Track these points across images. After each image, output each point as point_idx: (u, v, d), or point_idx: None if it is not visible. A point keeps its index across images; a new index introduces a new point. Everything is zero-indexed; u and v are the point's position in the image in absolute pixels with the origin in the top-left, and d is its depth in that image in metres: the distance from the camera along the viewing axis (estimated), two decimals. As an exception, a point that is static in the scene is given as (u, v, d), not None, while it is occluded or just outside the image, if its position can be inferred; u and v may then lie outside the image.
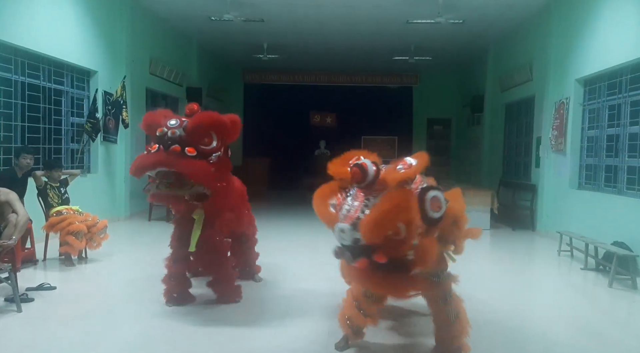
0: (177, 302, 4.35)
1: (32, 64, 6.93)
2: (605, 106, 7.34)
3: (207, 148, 3.92)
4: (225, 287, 4.42)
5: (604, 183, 7.27)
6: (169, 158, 3.76)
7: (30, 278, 5.14)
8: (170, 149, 3.77)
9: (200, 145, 3.87)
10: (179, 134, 3.80)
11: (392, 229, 2.66)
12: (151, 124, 3.98)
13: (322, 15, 10.21)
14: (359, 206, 2.75)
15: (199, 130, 3.86)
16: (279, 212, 11.29)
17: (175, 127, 3.83)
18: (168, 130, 3.81)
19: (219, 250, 4.38)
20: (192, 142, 3.83)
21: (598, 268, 6.16)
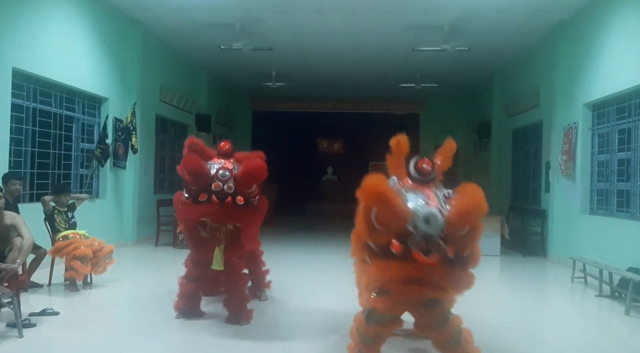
0: (186, 315, 4.48)
1: (44, 90, 7.06)
2: (614, 130, 7.29)
3: (251, 193, 4.14)
4: (239, 307, 4.46)
5: (616, 207, 7.15)
6: (225, 211, 4.02)
7: (35, 303, 5.08)
8: (225, 203, 3.99)
9: (245, 192, 4.09)
10: (233, 186, 4.01)
11: (472, 222, 2.72)
12: (197, 172, 4.05)
13: (329, 44, 10.39)
14: (433, 197, 2.80)
15: (249, 182, 4.07)
16: (286, 238, 11.21)
17: (229, 180, 4.02)
18: (224, 184, 4.00)
19: (237, 270, 4.48)
20: (240, 191, 4.05)
21: (613, 295, 5.98)
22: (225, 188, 3.99)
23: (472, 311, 4.53)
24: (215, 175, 4.05)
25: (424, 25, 9.06)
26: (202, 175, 4.05)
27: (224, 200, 4.00)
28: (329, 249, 9.58)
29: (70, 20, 7.43)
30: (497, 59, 11.31)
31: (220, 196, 4.01)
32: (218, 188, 3.99)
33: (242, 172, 4.06)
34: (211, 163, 4.22)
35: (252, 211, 4.19)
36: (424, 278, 2.75)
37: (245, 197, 4.08)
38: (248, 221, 4.21)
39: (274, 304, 5.24)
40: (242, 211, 4.08)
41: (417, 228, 2.69)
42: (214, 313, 4.69)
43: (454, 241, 2.73)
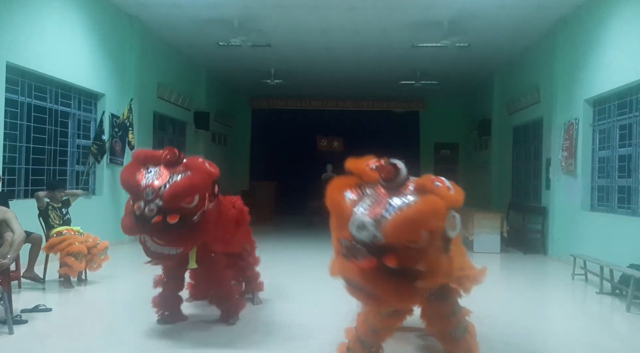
0: (169, 321, 4.27)
1: (39, 86, 7.00)
2: (615, 125, 7.21)
3: (189, 207, 3.67)
4: (227, 302, 4.32)
5: (617, 204, 7.07)
6: (153, 232, 3.63)
7: (27, 299, 5.02)
8: (152, 223, 3.54)
9: (182, 207, 3.63)
10: (157, 207, 3.54)
11: (418, 234, 2.54)
12: (129, 187, 3.73)
13: (328, 41, 10.32)
14: (384, 204, 2.64)
15: (177, 199, 3.60)
16: (285, 236, 11.15)
17: (152, 200, 3.56)
18: (145, 206, 3.55)
19: (216, 266, 4.26)
20: (172, 208, 3.57)
21: (614, 292, 5.91)
22: (146, 211, 3.53)
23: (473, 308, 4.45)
24: (141, 193, 3.62)
25: (423, 21, 8.98)
26: (132, 190, 3.70)
27: (149, 220, 3.54)
28: (328, 248, 9.50)
29: (67, 15, 7.37)
30: (498, 56, 11.23)
31: (145, 217, 3.56)
32: (138, 209, 3.56)
33: (169, 191, 3.58)
34: (149, 173, 3.75)
35: (187, 231, 3.66)
36: (359, 282, 2.65)
37: (181, 213, 3.60)
38: (182, 242, 3.73)
39: (267, 308, 5.01)
40: (173, 234, 3.61)
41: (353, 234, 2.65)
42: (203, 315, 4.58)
43: (401, 252, 2.56)
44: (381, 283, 2.60)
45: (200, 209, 3.74)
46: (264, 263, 5.44)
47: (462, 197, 2.76)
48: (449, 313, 3.09)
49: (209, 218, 3.85)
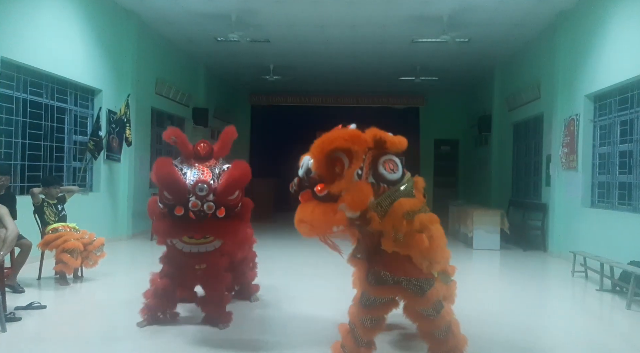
0: (155, 321, 4.11)
1: (35, 81, 6.94)
2: (616, 121, 7.14)
3: (233, 200, 3.80)
4: (216, 309, 4.12)
5: (617, 200, 7.01)
6: (204, 228, 3.72)
7: (22, 296, 4.97)
8: (204, 220, 3.67)
9: (227, 201, 3.76)
10: (213, 204, 3.66)
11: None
12: (171, 185, 3.64)
13: (327, 36, 10.24)
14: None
15: (230, 193, 3.73)
16: (284, 233, 11.09)
17: (208, 196, 3.64)
18: (202, 203, 3.61)
19: (218, 266, 4.13)
20: (221, 203, 3.70)
21: (614, 289, 5.85)
22: (205, 208, 3.62)
23: (472, 305, 4.42)
24: (192, 190, 3.64)
25: (423, 15, 8.90)
26: (177, 189, 3.63)
27: (202, 218, 3.65)
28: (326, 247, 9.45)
29: (63, 10, 7.30)
30: (498, 51, 11.15)
31: (198, 215, 3.64)
32: (196, 207, 3.61)
33: (224, 185, 3.70)
34: (187, 169, 3.85)
35: (235, 223, 3.82)
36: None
37: (227, 207, 3.74)
38: (231, 235, 3.86)
39: (263, 307, 4.91)
40: (225, 225, 3.74)
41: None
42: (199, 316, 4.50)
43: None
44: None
45: (240, 201, 3.87)
46: (263, 258, 5.40)
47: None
48: (430, 312, 3.04)
49: (244, 212, 4.00)
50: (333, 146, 2.80)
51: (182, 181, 3.69)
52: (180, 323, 4.22)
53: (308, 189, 2.89)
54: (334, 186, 2.79)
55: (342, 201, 2.80)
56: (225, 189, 3.69)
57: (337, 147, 2.81)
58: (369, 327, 3.16)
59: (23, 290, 5.20)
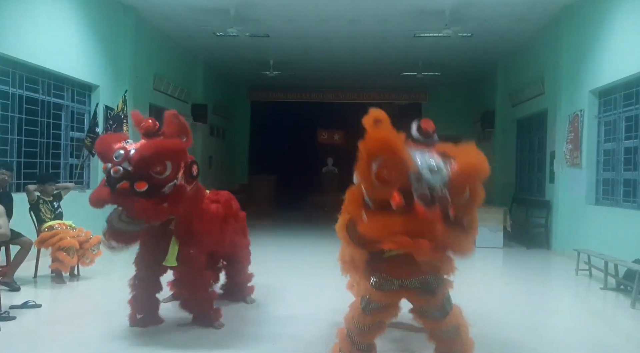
0: (142, 324, 3.97)
1: (31, 77, 6.85)
2: (621, 117, 7.02)
3: (160, 178, 3.43)
4: (201, 309, 3.96)
5: (622, 197, 6.90)
6: (116, 198, 3.40)
7: (18, 295, 4.90)
8: (117, 188, 3.33)
9: (152, 176, 3.41)
10: (123, 170, 3.36)
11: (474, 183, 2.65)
12: (102, 153, 3.58)
13: (327, 30, 10.12)
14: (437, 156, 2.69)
15: (147, 162, 3.38)
16: (284, 231, 11.03)
17: (120, 162, 3.39)
18: (111, 167, 3.39)
19: (194, 266, 3.87)
20: (141, 175, 3.38)
21: (619, 287, 5.76)
22: (111, 172, 3.35)
23: (475, 304, 4.32)
24: (111, 156, 3.46)
25: (425, 9, 8.77)
26: (104, 154, 3.56)
27: (114, 185, 3.34)
28: (327, 243, 9.37)
29: (58, 4, 7.20)
30: (501, 46, 11.01)
31: (111, 181, 3.37)
32: (105, 170, 3.44)
33: (138, 153, 3.40)
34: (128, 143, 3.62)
35: (150, 205, 3.37)
36: (423, 233, 2.53)
37: (151, 182, 3.37)
38: (146, 215, 3.44)
39: (261, 307, 4.78)
40: (138, 203, 3.34)
41: (422, 178, 2.55)
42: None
43: (456, 201, 2.61)
44: (446, 231, 2.57)
45: (172, 181, 3.49)
46: (261, 257, 5.30)
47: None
48: (439, 313, 2.94)
49: (182, 197, 3.57)
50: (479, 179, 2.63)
51: (110, 147, 3.53)
52: (177, 321, 4.13)
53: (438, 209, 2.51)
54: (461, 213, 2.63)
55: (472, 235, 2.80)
56: (141, 158, 3.37)
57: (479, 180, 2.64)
58: (368, 332, 3.04)
59: (19, 287, 5.13)
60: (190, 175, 3.66)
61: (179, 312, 4.17)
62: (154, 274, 3.97)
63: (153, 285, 3.99)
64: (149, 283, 3.95)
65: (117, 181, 3.34)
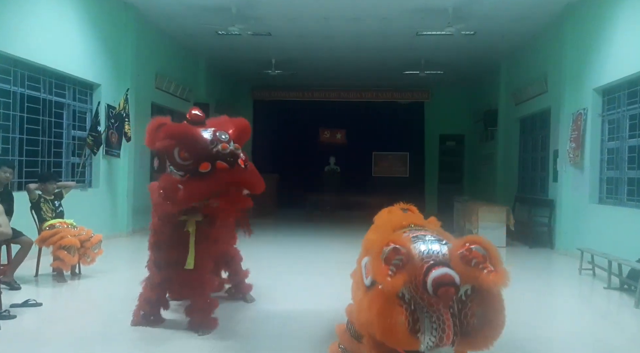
0: (145, 323, 3.95)
1: (33, 76, 6.84)
2: (625, 115, 6.97)
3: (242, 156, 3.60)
4: (200, 316, 3.87)
5: (626, 196, 6.85)
6: (243, 175, 3.50)
7: (17, 294, 4.89)
8: (238, 165, 3.44)
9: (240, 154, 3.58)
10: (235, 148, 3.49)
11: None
12: (191, 138, 3.42)
13: (329, 29, 10.09)
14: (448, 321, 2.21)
15: (242, 140, 3.68)
16: (286, 229, 11.01)
17: (230, 141, 3.47)
18: (232, 146, 3.43)
19: (204, 270, 3.84)
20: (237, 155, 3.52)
21: (623, 287, 5.72)
22: (233, 148, 3.39)
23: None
24: (213, 139, 3.41)
25: (427, 8, 8.73)
26: (196, 141, 3.38)
27: (233, 164, 3.37)
28: (329, 242, 9.37)
29: (60, 3, 7.20)
30: (504, 44, 10.95)
31: (230, 160, 3.36)
32: (226, 149, 3.35)
33: (236, 131, 3.62)
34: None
35: (257, 174, 3.65)
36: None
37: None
38: (261, 185, 3.66)
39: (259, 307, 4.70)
40: (253, 174, 3.56)
41: None
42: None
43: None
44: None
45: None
46: (263, 256, 5.28)
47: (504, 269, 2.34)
48: None
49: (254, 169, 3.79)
50: None
51: (199, 132, 3.46)
52: (178, 321, 4.09)
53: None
54: None
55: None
56: (240, 135, 3.66)
57: None
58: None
59: (19, 286, 5.13)
60: None
61: (179, 312, 4.15)
62: (167, 276, 3.88)
63: (165, 288, 3.94)
64: (162, 286, 3.89)
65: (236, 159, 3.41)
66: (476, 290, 2.29)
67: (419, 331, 2.18)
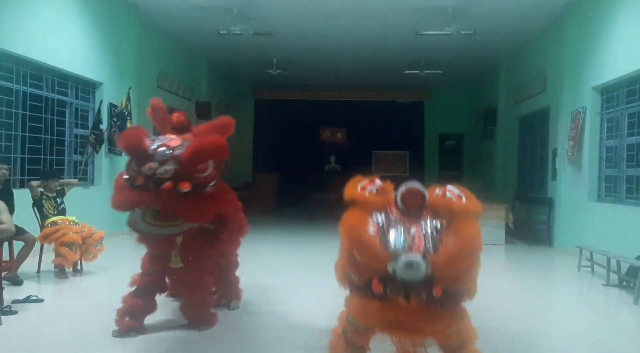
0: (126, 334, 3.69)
1: (35, 74, 6.89)
2: (624, 114, 7.00)
3: (202, 176, 3.33)
4: (198, 313, 3.80)
5: (625, 194, 6.88)
6: (160, 200, 3.21)
7: (20, 290, 4.94)
8: (161, 189, 3.16)
9: (195, 175, 3.31)
10: (172, 169, 3.20)
11: (466, 267, 2.47)
12: (133, 149, 3.31)
13: (330, 28, 10.12)
14: (419, 234, 2.50)
15: (195, 162, 3.28)
16: (287, 228, 11.05)
17: (168, 161, 3.21)
18: (160, 167, 3.18)
19: (199, 268, 3.76)
20: (186, 175, 3.25)
21: (621, 284, 5.74)
22: (159, 171, 3.16)
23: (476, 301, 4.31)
24: (153, 154, 3.25)
25: (427, 7, 8.76)
26: (138, 153, 3.26)
27: (159, 185, 3.17)
28: (330, 241, 9.37)
29: (63, 1, 7.24)
30: (504, 44, 10.98)
31: (155, 181, 3.18)
32: (150, 169, 3.17)
33: (188, 152, 3.24)
34: (157, 139, 3.44)
35: (200, 202, 3.30)
36: (405, 322, 2.47)
37: (195, 182, 3.27)
38: (195, 214, 3.33)
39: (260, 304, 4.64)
40: (185, 203, 3.23)
41: (397, 273, 2.41)
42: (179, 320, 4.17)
43: (442, 280, 2.45)
44: (430, 316, 2.47)
45: (214, 180, 3.42)
46: (264, 254, 5.27)
47: (477, 202, 2.67)
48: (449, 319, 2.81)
49: (225, 195, 3.54)
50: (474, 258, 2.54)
51: (145, 145, 3.30)
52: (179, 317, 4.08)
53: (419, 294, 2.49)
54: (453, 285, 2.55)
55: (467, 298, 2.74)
56: (191, 157, 3.23)
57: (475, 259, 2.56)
58: (364, 332, 2.94)
59: (22, 281, 5.18)
60: (221, 171, 3.59)
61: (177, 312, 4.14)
62: (158, 275, 3.84)
63: (156, 288, 3.86)
64: (153, 276, 3.82)
65: (162, 182, 3.17)
66: (451, 222, 2.55)
67: (389, 242, 2.47)
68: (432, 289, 2.41)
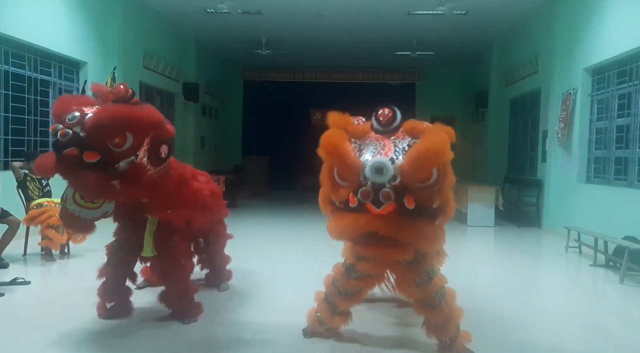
0: (112, 316, 3.67)
1: (17, 53, 6.70)
2: (614, 95, 7.00)
3: (117, 151, 2.91)
4: (180, 302, 3.61)
5: (613, 176, 6.92)
6: (59, 166, 2.92)
7: (7, 272, 4.87)
8: (63, 155, 2.84)
9: (108, 147, 2.90)
10: (73, 134, 2.85)
11: (431, 170, 2.53)
12: (58, 114, 3.03)
13: (320, 7, 9.95)
14: (389, 147, 2.66)
15: (104, 129, 2.86)
16: (277, 211, 11.02)
17: (72, 125, 2.87)
18: (60, 129, 2.87)
19: (176, 254, 3.56)
20: (95, 144, 2.86)
21: (608, 264, 5.82)
22: (58, 135, 2.84)
23: (465, 281, 4.34)
24: (61, 116, 2.95)
25: (419, -14, 8.63)
26: (57, 117, 3.01)
27: (60, 151, 2.85)
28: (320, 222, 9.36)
29: (43, -22, 7.00)
30: (496, 24, 10.88)
31: (58, 145, 2.87)
32: (53, 131, 2.92)
33: (93, 117, 2.88)
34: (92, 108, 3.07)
35: (104, 178, 2.88)
36: (378, 232, 2.52)
37: (105, 154, 2.88)
38: (94, 190, 2.92)
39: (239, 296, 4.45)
40: (83, 175, 2.85)
41: (367, 178, 2.53)
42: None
43: (415, 191, 2.51)
44: (404, 226, 2.51)
45: (130, 156, 2.95)
46: (255, 237, 5.25)
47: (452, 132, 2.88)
48: (423, 281, 2.94)
49: (139, 178, 3.03)
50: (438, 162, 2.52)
51: (68, 105, 3.04)
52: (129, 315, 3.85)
53: (391, 203, 2.46)
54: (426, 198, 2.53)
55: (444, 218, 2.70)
56: (98, 122, 2.85)
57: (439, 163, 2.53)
58: (347, 297, 3.08)
59: (7, 264, 5.10)
60: (158, 156, 3.11)
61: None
62: (128, 262, 3.70)
63: (125, 273, 3.71)
64: (121, 270, 3.67)
65: (64, 147, 2.84)
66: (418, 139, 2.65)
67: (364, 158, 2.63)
68: (404, 200, 2.48)
